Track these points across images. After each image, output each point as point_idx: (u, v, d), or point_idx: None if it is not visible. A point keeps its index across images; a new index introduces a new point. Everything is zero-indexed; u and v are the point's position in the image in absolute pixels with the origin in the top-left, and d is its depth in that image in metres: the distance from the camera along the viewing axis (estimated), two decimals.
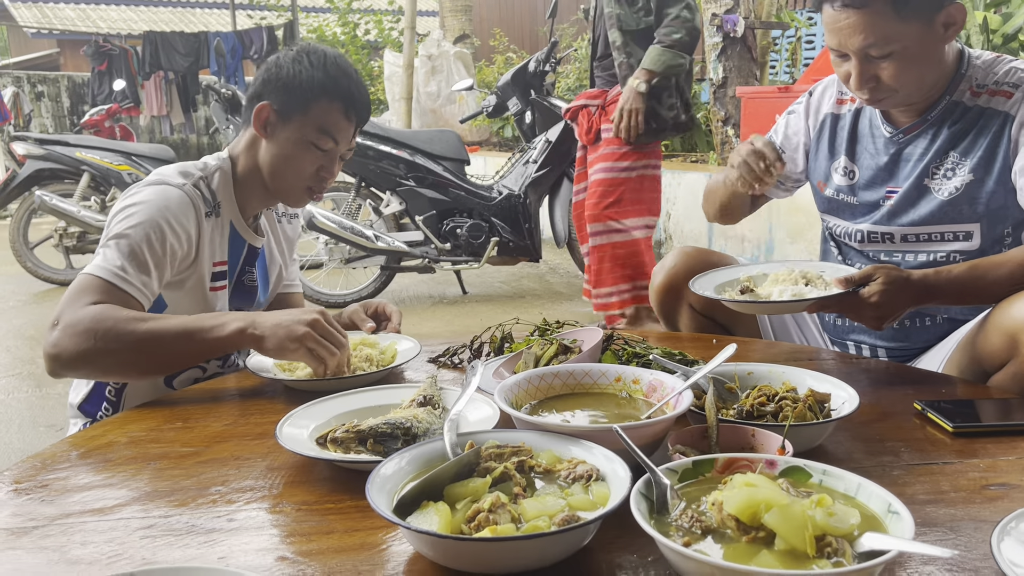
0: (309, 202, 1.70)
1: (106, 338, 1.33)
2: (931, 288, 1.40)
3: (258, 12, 14.06)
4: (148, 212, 1.48)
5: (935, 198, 1.56)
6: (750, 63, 5.84)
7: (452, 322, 4.61)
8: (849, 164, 1.69)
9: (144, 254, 1.45)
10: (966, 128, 1.54)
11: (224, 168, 1.63)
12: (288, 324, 1.34)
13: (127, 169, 5.64)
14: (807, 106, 1.79)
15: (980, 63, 1.56)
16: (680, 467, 0.88)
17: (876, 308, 1.37)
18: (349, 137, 1.61)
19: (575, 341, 1.33)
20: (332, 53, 1.60)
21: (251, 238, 1.69)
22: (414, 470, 0.91)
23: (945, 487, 0.98)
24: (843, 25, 1.46)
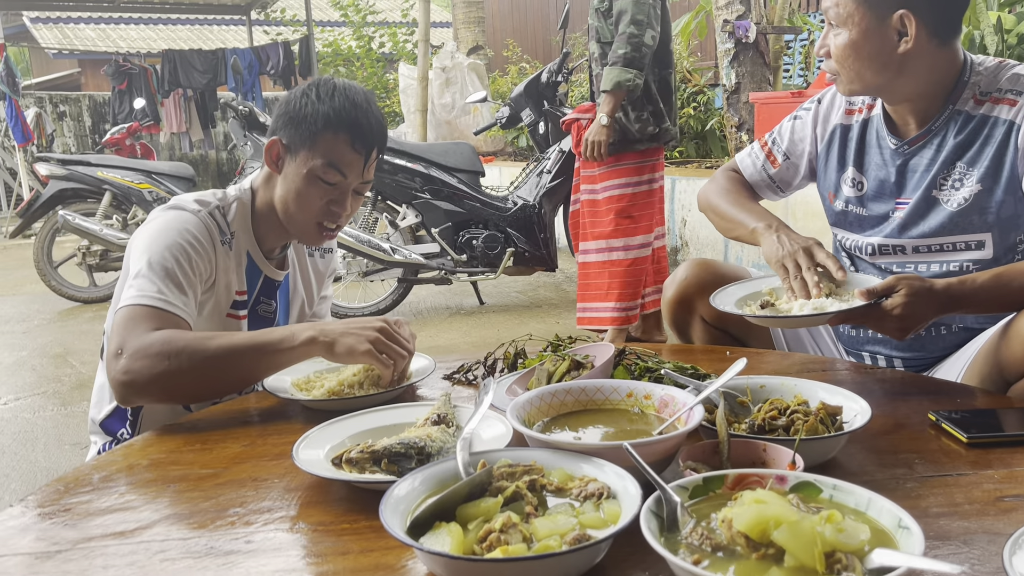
0: (324, 241, 1.67)
1: (179, 358, 1.35)
2: (955, 298, 1.39)
3: (274, 28, 14.20)
4: (170, 236, 1.51)
5: (944, 209, 1.55)
6: (763, 68, 5.83)
7: (469, 333, 4.63)
8: (857, 175, 1.69)
9: (177, 275, 1.48)
10: (971, 138, 1.53)
11: (243, 200, 1.65)
12: (357, 330, 1.37)
13: (147, 187, 5.72)
14: (815, 114, 1.78)
15: (983, 70, 1.55)
16: (690, 484, 0.89)
17: (900, 320, 1.35)
18: (359, 170, 1.59)
19: (587, 357, 1.34)
20: (343, 85, 1.58)
21: (269, 270, 1.69)
22: (427, 490, 0.93)
23: (959, 499, 0.98)
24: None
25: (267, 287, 1.71)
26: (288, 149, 1.58)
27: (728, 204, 1.81)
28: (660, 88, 3.58)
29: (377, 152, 1.61)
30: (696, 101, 7.08)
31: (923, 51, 1.50)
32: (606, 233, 3.70)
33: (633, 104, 3.53)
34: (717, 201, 1.85)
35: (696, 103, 7.07)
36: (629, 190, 3.65)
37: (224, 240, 1.59)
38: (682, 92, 7.04)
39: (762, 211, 1.71)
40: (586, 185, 3.81)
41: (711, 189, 1.88)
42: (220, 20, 16.79)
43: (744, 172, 1.89)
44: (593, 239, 3.76)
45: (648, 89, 3.54)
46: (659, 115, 3.57)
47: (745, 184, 1.89)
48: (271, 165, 1.61)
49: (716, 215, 1.85)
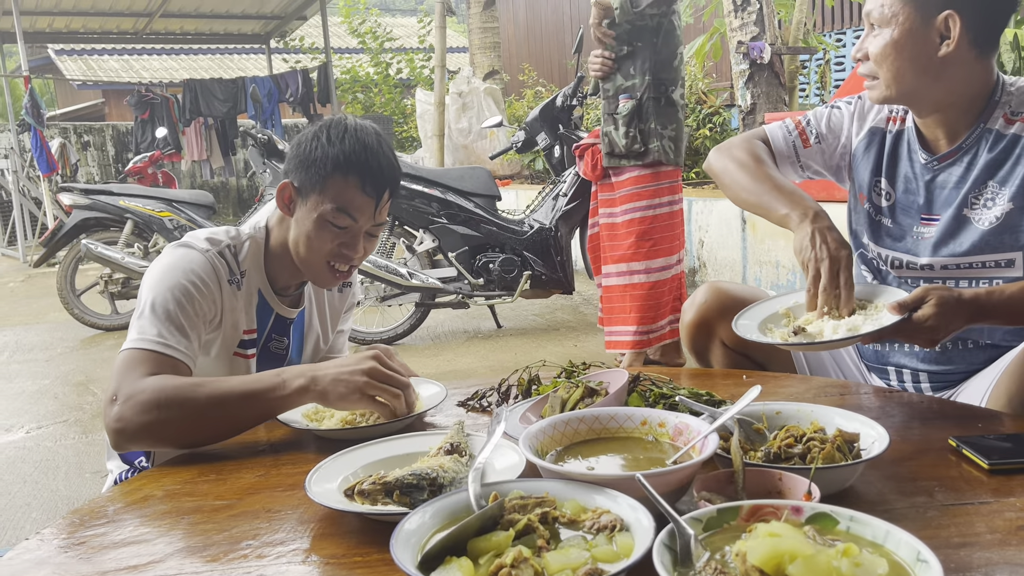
0: (336, 283, 1.67)
1: (169, 407, 1.35)
2: (984, 308, 1.38)
3: (293, 56, 14.42)
4: (175, 276, 1.51)
5: (976, 228, 1.55)
6: (778, 89, 5.83)
7: (487, 357, 4.62)
8: (887, 186, 1.69)
9: (179, 318, 1.48)
10: (1003, 157, 1.53)
11: (257, 238, 1.65)
12: (346, 377, 1.34)
13: (168, 216, 5.80)
14: (855, 109, 1.77)
15: (1015, 90, 1.56)
16: (704, 515, 0.88)
17: (931, 331, 1.35)
18: (371, 213, 1.57)
19: (601, 383, 1.33)
20: (355, 126, 1.56)
21: (280, 308, 1.69)
22: (438, 523, 0.92)
23: (980, 528, 0.96)
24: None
25: (279, 325, 1.71)
26: (299, 192, 1.58)
27: (757, 173, 1.67)
28: (657, 108, 3.57)
29: (389, 194, 1.59)
30: (712, 122, 7.08)
31: (962, 59, 1.51)
32: (627, 256, 3.69)
33: (624, 119, 3.55)
34: (743, 165, 1.71)
35: (712, 124, 7.07)
36: (650, 212, 3.65)
37: (232, 280, 1.59)
38: (698, 113, 7.05)
39: (798, 194, 1.58)
40: (604, 208, 3.82)
41: (734, 152, 1.76)
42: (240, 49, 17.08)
43: (773, 142, 1.82)
44: (614, 262, 3.76)
45: (641, 108, 3.55)
46: (648, 134, 3.57)
47: (772, 156, 1.80)
48: (283, 208, 1.61)
49: (738, 181, 1.71)
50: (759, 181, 1.66)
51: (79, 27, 11.52)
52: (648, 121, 3.56)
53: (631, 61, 3.58)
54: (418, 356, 4.72)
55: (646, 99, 3.56)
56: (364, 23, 14.74)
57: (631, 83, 3.59)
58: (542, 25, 12.81)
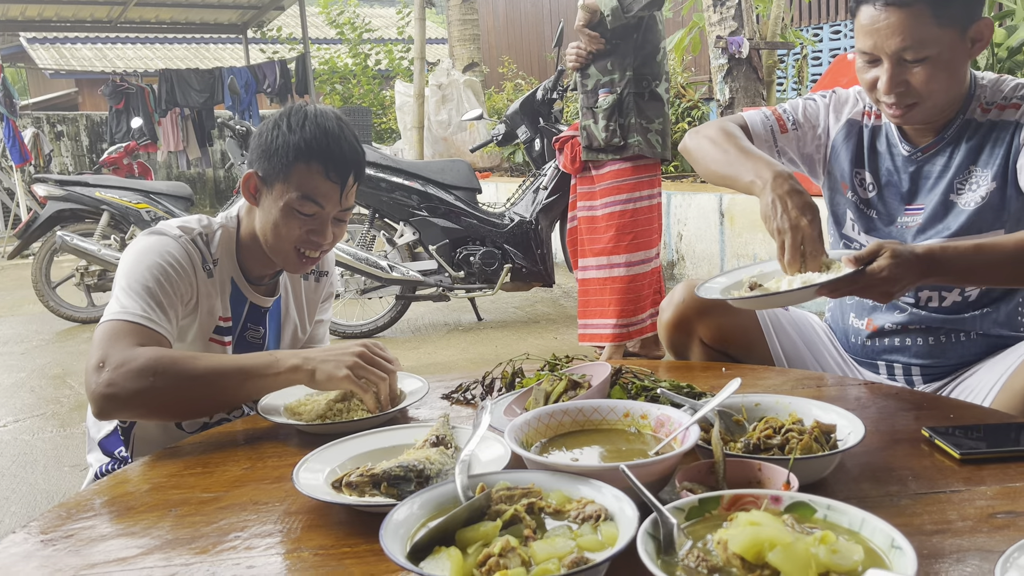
0: (307, 269, 1.69)
1: (165, 376, 1.37)
2: (938, 262, 1.38)
3: (271, 46, 14.30)
4: (151, 257, 1.53)
5: (963, 211, 1.60)
6: (756, 83, 5.87)
7: (468, 350, 4.64)
8: (870, 177, 1.73)
9: (158, 295, 1.50)
10: (981, 143, 1.60)
11: (229, 228, 1.66)
12: (336, 357, 1.39)
13: (145, 207, 5.75)
14: (831, 101, 1.80)
15: (986, 83, 1.63)
16: (686, 505, 0.90)
17: (884, 283, 1.35)
18: (336, 199, 1.58)
19: (584, 376, 1.35)
20: (314, 112, 1.56)
21: (255, 297, 1.70)
22: (426, 514, 0.94)
23: (952, 516, 0.99)
24: (882, 26, 1.49)
25: (254, 314, 1.71)
26: (264, 181, 1.58)
27: (726, 145, 1.67)
28: (640, 102, 3.60)
29: (354, 179, 1.59)
30: (690, 116, 7.12)
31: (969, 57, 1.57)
32: (607, 250, 3.71)
33: (604, 113, 3.57)
34: (714, 140, 1.71)
35: (691, 118, 7.11)
36: (630, 206, 3.67)
37: (206, 267, 1.60)
38: (676, 107, 7.08)
39: (763, 160, 1.57)
40: (584, 202, 3.84)
41: (707, 131, 1.76)
42: (217, 39, 16.89)
43: (751, 125, 1.81)
44: (593, 256, 3.78)
45: (622, 103, 3.57)
46: (627, 129, 3.59)
47: (750, 137, 1.78)
48: (249, 198, 1.62)
49: (708, 154, 1.71)
50: (727, 152, 1.65)
51: (52, 15, 11.33)
52: (628, 115, 3.58)
53: (609, 55, 3.60)
54: (399, 349, 4.72)
55: (627, 93, 3.57)
56: (342, 13, 14.64)
57: (609, 77, 3.61)
58: (522, 18, 12.80)
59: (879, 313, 1.72)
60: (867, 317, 1.74)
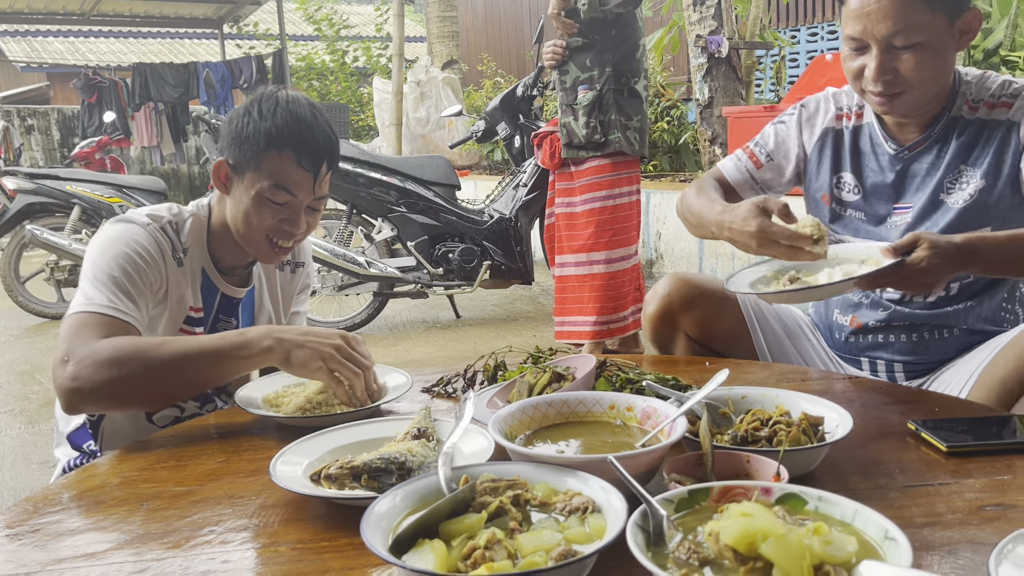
0: (280, 258, 1.65)
1: (131, 365, 1.33)
2: (976, 251, 1.38)
3: (247, 41, 14.14)
4: (117, 246, 1.49)
5: (951, 209, 1.59)
6: (735, 83, 5.89)
7: (446, 347, 4.60)
8: (854, 180, 1.71)
9: (125, 284, 1.46)
10: (972, 141, 1.59)
11: (199, 216, 1.62)
12: (313, 345, 1.35)
13: (118, 201, 5.65)
14: (799, 118, 1.79)
15: (971, 79, 1.62)
16: (676, 496, 0.88)
17: (923, 274, 1.34)
18: (309, 188, 1.54)
19: (568, 369, 1.33)
20: (286, 99, 1.53)
21: (226, 287, 1.66)
22: (409, 506, 0.91)
23: (941, 509, 0.98)
24: (872, 9, 1.48)
25: (226, 305, 1.67)
26: (235, 170, 1.55)
27: (697, 204, 1.72)
28: (619, 99, 3.58)
29: (328, 167, 1.56)
30: (670, 115, 7.13)
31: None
32: (587, 246, 3.69)
33: (584, 109, 3.55)
34: (690, 202, 1.77)
35: (670, 117, 7.12)
36: (610, 202, 3.66)
37: (176, 255, 1.56)
38: (656, 106, 7.09)
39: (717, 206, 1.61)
40: (562, 198, 3.82)
41: (688, 193, 1.82)
42: (192, 34, 16.67)
43: (727, 175, 1.85)
44: (572, 252, 3.76)
45: (602, 99, 3.56)
46: (608, 125, 3.58)
47: (723, 186, 1.83)
48: (219, 187, 1.58)
49: (687, 218, 1.78)
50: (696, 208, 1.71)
51: (23, 7, 11.11)
52: (608, 112, 3.56)
53: (588, 52, 3.58)
54: (376, 346, 4.67)
55: (607, 90, 3.56)
56: (320, 10, 14.52)
57: (589, 74, 3.59)
58: (501, 15, 12.77)
59: (863, 310, 1.71)
60: (851, 314, 1.73)
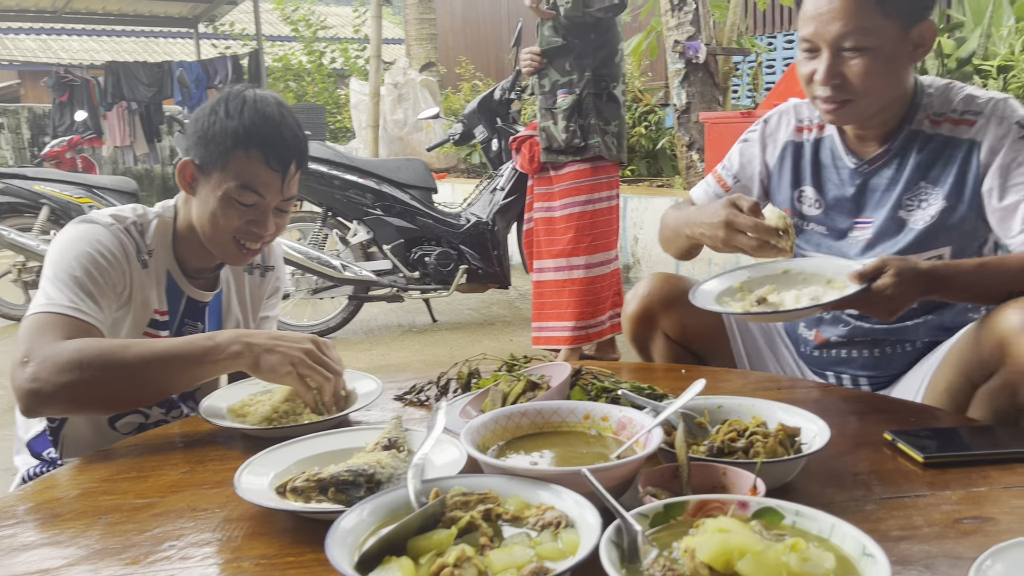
0: (248, 260, 1.61)
1: (93, 367, 1.29)
2: (940, 279, 1.39)
3: (223, 41, 14.00)
4: (80, 246, 1.45)
5: (912, 229, 1.58)
6: (713, 89, 5.92)
7: (422, 351, 4.57)
8: (815, 194, 1.70)
9: (88, 284, 1.42)
10: (932, 158, 1.56)
11: (165, 217, 1.58)
12: (283, 349, 1.32)
13: (88, 202, 5.55)
14: (762, 134, 1.79)
15: (934, 91, 1.59)
16: (651, 511, 0.86)
17: (889, 301, 1.35)
18: (278, 188, 1.51)
19: (543, 377, 1.30)
20: (253, 97, 1.50)
21: (192, 291, 1.62)
22: (376, 521, 0.88)
23: (918, 522, 0.97)
24: (824, 11, 1.47)
25: (192, 308, 1.64)
26: (201, 170, 1.51)
27: (671, 216, 1.76)
28: (598, 103, 3.57)
29: (296, 167, 1.53)
30: (647, 120, 7.15)
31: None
32: (567, 251, 3.67)
33: (564, 113, 3.54)
34: (666, 221, 1.81)
35: (647, 122, 7.14)
36: (589, 207, 3.64)
37: (140, 257, 1.53)
38: (633, 111, 7.10)
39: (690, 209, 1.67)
40: (541, 203, 3.79)
41: (665, 215, 1.84)
42: (166, 33, 16.49)
43: (697, 202, 1.87)
44: (551, 257, 3.74)
45: (581, 103, 3.55)
46: (587, 129, 3.56)
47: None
48: (185, 187, 1.55)
49: (665, 235, 1.82)
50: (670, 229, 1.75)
51: None
52: (588, 116, 3.55)
53: (567, 56, 3.57)
54: (351, 350, 4.63)
55: (586, 94, 3.55)
56: (297, 10, 14.43)
57: (568, 78, 3.58)
58: (479, 18, 12.75)
59: (825, 325, 1.71)
60: (815, 328, 1.73)
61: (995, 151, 1.50)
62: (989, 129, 1.51)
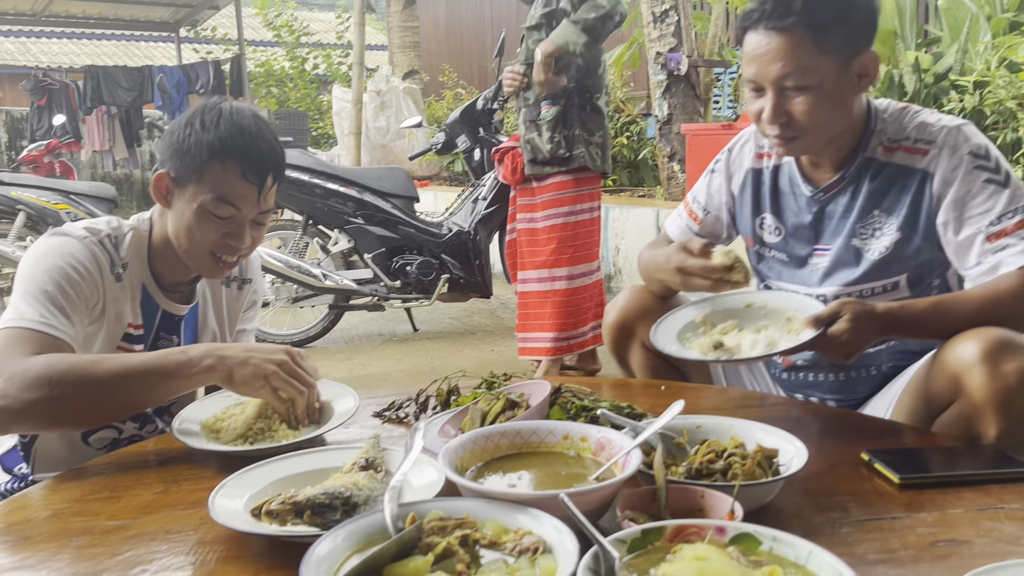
0: (224, 273, 1.61)
1: (63, 383, 1.27)
2: (896, 321, 1.42)
3: (204, 46, 13.93)
4: (52, 260, 1.43)
5: (867, 259, 1.58)
6: (694, 100, 5.95)
7: (403, 361, 4.55)
8: (775, 221, 1.70)
9: (59, 299, 1.40)
10: (886, 186, 1.56)
11: (140, 230, 1.57)
12: (256, 362, 1.31)
13: (65, 208, 5.49)
14: (727, 163, 1.79)
15: (888, 116, 1.58)
16: (629, 536, 0.86)
17: (845, 345, 1.37)
18: (254, 201, 1.50)
19: (522, 396, 1.30)
20: (229, 109, 1.49)
21: (167, 304, 1.61)
22: (352, 547, 0.87)
23: (895, 544, 0.97)
24: (763, 52, 1.48)
25: (167, 322, 1.62)
26: (176, 182, 1.50)
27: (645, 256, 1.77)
28: (582, 114, 3.59)
29: (273, 179, 1.52)
30: (629, 131, 7.17)
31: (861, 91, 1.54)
32: (549, 262, 3.68)
33: (548, 125, 3.55)
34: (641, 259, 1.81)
35: (629, 132, 7.17)
36: (572, 218, 3.65)
37: (114, 270, 1.51)
38: (616, 122, 7.13)
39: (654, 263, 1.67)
40: (524, 214, 3.80)
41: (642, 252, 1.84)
42: (147, 37, 16.38)
43: (671, 235, 1.88)
44: (533, 268, 3.74)
45: (567, 114, 3.56)
46: (572, 140, 3.57)
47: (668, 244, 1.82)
48: (160, 200, 1.53)
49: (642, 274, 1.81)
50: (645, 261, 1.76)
51: None
52: (573, 127, 3.56)
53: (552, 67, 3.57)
54: (331, 359, 4.60)
55: (570, 105, 3.56)
56: (280, 16, 14.37)
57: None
58: (463, 26, 12.76)
59: None
60: None
61: (948, 183, 1.49)
62: (942, 160, 1.50)
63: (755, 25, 1.49)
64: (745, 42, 1.52)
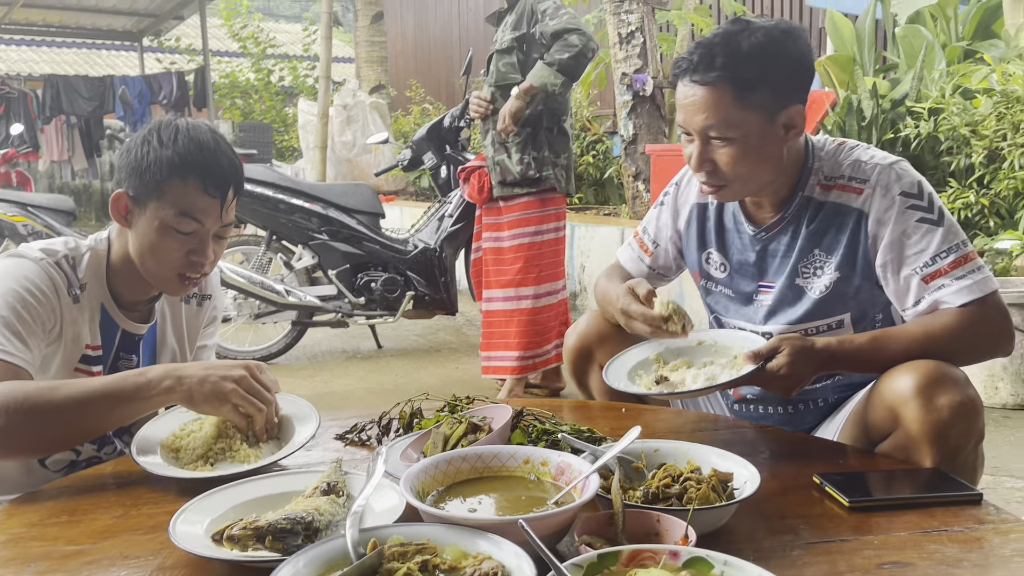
0: (188, 290, 1.60)
1: (20, 412, 1.26)
2: (835, 356, 1.45)
3: (168, 56, 13.80)
4: (7, 284, 1.41)
5: (809, 297, 1.60)
6: (659, 120, 6.04)
7: (366, 378, 4.53)
8: (720, 257, 1.73)
9: (15, 324, 1.39)
10: (824, 226, 1.58)
11: (98, 250, 1.56)
12: (215, 380, 1.32)
13: (22, 220, 5.39)
14: (674, 197, 1.82)
15: (825, 154, 1.60)
16: (585, 561, 0.88)
17: (785, 380, 1.41)
18: (217, 214, 1.50)
19: (484, 419, 1.32)
20: (186, 125, 1.50)
21: (127, 324, 1.60)
22: (313, 572, 0.88)
23: (842, 567, 1.00)
24: (689, 102, 1.51)
25: (127, 342, 1.61)
26: (136, 201, 1.50)
27: (599, 299, 1.80)
28: (550, 136, 3.64)
29: (234, 192, 1.53)
30: (595, 149, 7.26)
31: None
32: (515, 282, 3.71)
33: (522, 146, 3.59)
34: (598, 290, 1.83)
35: (595, 151, 7.25)
36: (538, 238, 3.69)
37: (71, 292, 1.49)
38: (582, 140, 7.21)
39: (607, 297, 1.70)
40: (490, 233, 3.83)
41: (599, 280, 1.86)
42: (109, 45, 16.16)
43: (624, 265, 1.91)
44: (499, 287, 3.77)
45: (536, 136, 3.61)
46: (541, 162, 3.62)
47: (623, 275, 1.85)
48: (120, 220, 1.53)
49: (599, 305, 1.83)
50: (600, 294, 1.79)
51: None
52: (542, 149, 3.61)
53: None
54: (294, 376, 4.57)
55: (539, 128, 3.61)
56: (246, 27, 14.31)
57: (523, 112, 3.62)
58: (430, 42, 12.82)
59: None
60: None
61: (882, 223, 1.51)
62: (875, 200, 1.52)
63: (683, 75, 1.52)
64: (677, 89, 1.55)
